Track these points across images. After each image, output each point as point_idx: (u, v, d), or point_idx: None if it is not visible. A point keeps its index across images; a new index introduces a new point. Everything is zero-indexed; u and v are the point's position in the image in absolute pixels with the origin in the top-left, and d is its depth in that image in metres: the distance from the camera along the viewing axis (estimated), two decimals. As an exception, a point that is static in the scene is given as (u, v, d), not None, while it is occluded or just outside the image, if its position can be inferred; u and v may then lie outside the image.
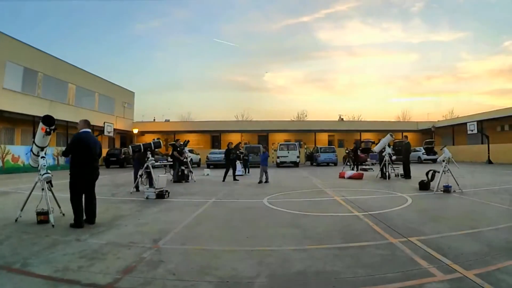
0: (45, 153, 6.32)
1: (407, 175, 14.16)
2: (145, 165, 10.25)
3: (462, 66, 76.43)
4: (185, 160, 14.90)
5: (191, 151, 25.74)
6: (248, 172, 19.04)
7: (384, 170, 14.33)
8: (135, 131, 37.21)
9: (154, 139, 11.53)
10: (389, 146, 14.97)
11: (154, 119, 46.57)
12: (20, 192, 10.19)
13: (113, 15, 79.53)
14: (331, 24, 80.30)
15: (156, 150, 12.07)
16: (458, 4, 71.69)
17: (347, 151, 18.42)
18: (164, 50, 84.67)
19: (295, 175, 18.33)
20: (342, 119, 48.52)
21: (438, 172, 10.10)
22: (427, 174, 10.64)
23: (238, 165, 18.60)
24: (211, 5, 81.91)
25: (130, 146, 11.21)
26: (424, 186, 10.26)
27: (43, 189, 6.06)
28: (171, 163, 18.13)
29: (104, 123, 26.84)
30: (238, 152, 16.52)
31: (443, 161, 10.10)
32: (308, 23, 78.54)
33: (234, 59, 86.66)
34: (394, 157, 15.68)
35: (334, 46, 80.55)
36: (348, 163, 19.41)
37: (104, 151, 30.05)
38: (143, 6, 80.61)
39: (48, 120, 6.01)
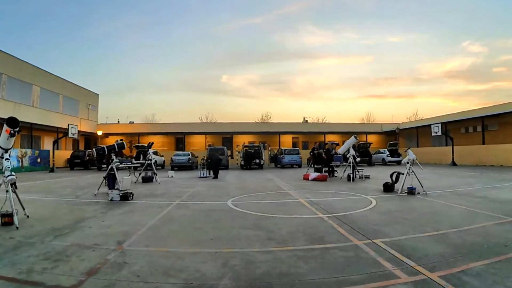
0: (9, 155, 6.30)
1: None
2: (109, 167, 10.10)
3: (420, 67, 77.08)
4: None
5: (155, 153, 25.47)
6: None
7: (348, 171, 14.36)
8: (100, 133, 36.36)
9: (117, 140, 11.29)
10: (353, 148, 15.23)
11: (119, 121, 45.47)
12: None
13: (66, 19, 75.34)
14: (283, 25, 79.42)
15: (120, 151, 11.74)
16: (413, 5, 71.88)
17: (317, 150, 18.12)
18: (123, 53, 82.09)
19: (259, 177, 18.28)
20: (307, 121, 48.21)
21: (402, 174, 10.20)
22: (391, 176, 10.76)
23: None
24: (164, 8, 79.97)
25: (94, 149, 11.05)
26: (388, 188, 10.39)
27: (7, 191, 6.05)
28: (137, 165, 17.88)
29: (68, 125, 26.28)
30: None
31: (408, 163, 10.21)
32: (261, 24, 77.43)
33: (192, 62, 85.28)
34: (358, 159, 15.94)
35: (288, 48, 79.46)
36: (318, 165, 19.33)
37: (68, 153, 29.53)
38: (95, 9, 77.05)
39: (12, 122, 6.05)
